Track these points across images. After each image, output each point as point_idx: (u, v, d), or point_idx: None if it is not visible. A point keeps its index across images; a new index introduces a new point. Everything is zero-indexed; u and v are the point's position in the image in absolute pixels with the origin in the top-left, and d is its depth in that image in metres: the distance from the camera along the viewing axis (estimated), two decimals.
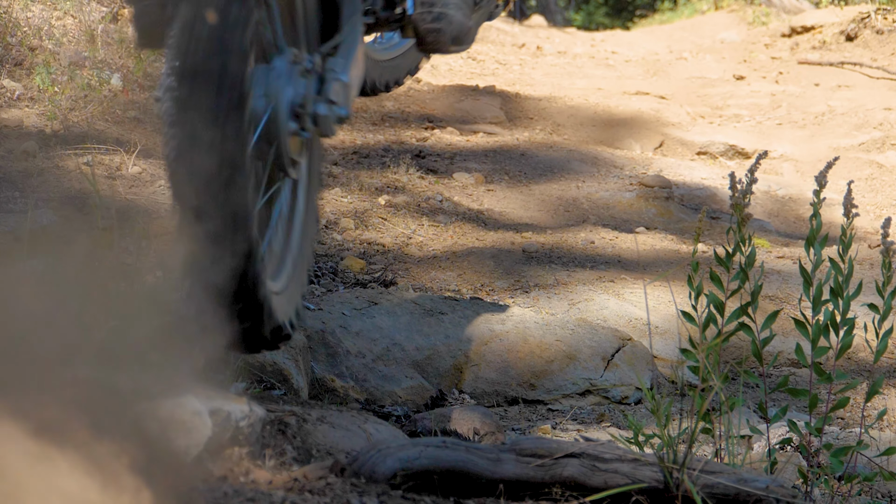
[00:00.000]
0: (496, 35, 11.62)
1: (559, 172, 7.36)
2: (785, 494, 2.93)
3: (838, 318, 3.53)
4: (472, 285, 5.74)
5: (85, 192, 5.53)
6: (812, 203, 3.54)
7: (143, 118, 6.89)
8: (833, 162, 3.62)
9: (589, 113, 8.66)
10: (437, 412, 4.47)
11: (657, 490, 2.95)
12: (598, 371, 5.01)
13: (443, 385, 4.90)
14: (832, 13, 10.78)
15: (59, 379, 2.68)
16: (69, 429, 2.50)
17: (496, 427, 4.34)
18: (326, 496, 2.79)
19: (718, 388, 3.21)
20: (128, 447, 2.54)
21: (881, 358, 5.56)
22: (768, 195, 7.45)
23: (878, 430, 4.82)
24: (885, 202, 7.44)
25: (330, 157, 7.17)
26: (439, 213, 6.57)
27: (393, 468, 2.91)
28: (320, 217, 5.97)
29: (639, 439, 3.32)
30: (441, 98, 8.65)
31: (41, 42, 7.08)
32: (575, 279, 5.79)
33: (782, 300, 5.82)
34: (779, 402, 4.99)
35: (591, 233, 6.48)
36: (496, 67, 10.04)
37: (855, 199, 3.59)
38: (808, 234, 3.53)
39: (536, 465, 2.94)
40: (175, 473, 2.65)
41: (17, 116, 6.47)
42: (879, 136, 8.39)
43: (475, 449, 2.96)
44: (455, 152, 7.55)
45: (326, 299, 5.11)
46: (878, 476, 3.60)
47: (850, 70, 9.77)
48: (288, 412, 3.29)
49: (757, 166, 3.50)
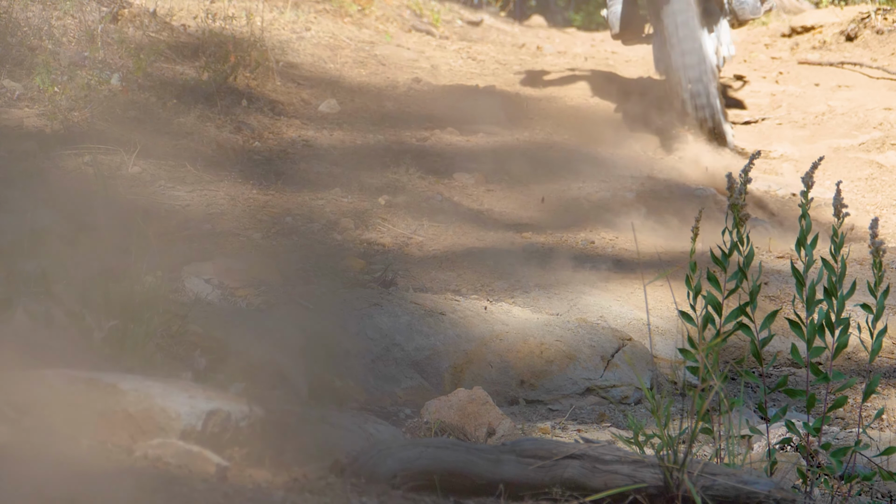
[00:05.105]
0: (496, 35, 11.62)
1: (559, 172, 7.36)
2: (787, 497, 2.93)
3: (833, 317, 3.53)
4: (472, 285, 5.74)
5: (85, 192, 5.53)
6: (800, 204, 3.54)
7: (143, 118, 6.89)
8: (819, 161, 3.62)
9: (589, 113, 8.66)
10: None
11: (657, 491, 2.95)
12: (598, 371, 5.01)
13: (443, 385, 4.90)
14: (832, 13, 10.77)
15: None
16: None
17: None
18: (326, 496, 2.79)
19: (718, 388, 3.22)
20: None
21: (881, 358, 5.56)
22: (768, 195, 7.45)
23: (877, 430, 4.83)
24: (885, 202, 7.44)
25: (330, 157, 7.17)
26: (439, 213, 6.57)
27: (393, 468, 2.91)
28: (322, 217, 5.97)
29: (639, 439, 3.32)
30: (441, 98, 8.65)
31: (41, 42, 7.08)
32: (575, 279, 5.79)
33: (782, 300, 5.83)
34: (779, 402, 4.99)
35: (591, 233, 6.48)
36: (496, 67, 10.03)
37: (855, 199, 3.59)
38: (799, 234, 3.54)
39: (537, 467, 2.94)
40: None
41: (17, 116, 6.47)
42: (879, 136, 8.38)
43: (475, 450, 2.96)
44: (455, 152, 7.55)
45: (326, 299, 5.11)
46: (877, 476, 3.60)
47: (850, 70, 9.76)
48: (288, 412, 3.29)
49: (751, 166, 3.51)
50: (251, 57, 7.97)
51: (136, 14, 8.00)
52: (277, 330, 4.68)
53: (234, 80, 7.75)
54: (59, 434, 2.84)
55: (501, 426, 4.41)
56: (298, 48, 8.98)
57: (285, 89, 8.08)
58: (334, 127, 7.75)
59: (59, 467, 2.64)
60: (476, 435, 4.38)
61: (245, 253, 5.64)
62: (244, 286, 5.14)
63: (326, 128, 7.70)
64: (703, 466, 2.97)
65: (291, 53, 8.81)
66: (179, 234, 5.71)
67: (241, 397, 3.10)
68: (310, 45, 9.13)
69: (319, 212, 6.30)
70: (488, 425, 4.41)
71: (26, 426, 2.85)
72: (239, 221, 6.01)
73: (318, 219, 6.22)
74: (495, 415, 4.44)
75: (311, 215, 6.25)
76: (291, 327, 4.75)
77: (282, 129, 7.49)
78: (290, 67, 8.53)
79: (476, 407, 4.44)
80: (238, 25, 8.43)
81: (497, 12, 13.41)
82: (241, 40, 8.09)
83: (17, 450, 2.70)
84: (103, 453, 2.83)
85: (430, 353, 4.95)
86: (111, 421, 2.94)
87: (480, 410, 4.44)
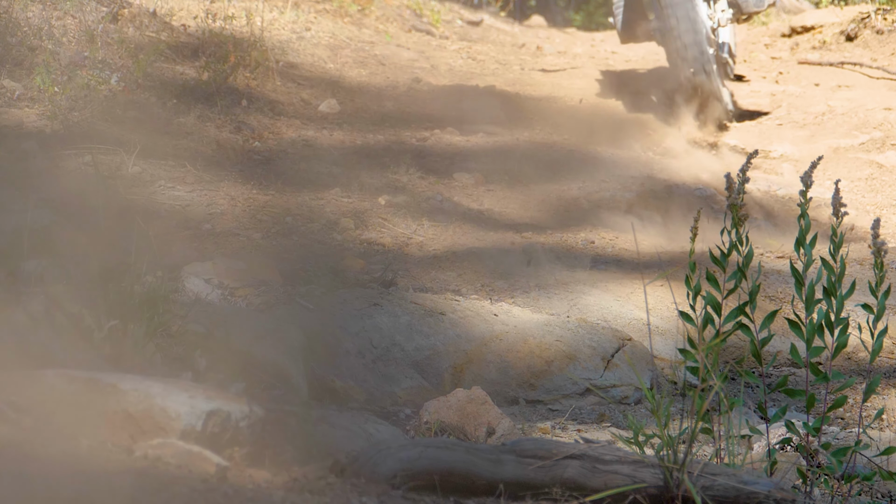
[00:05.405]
0: (496, 35, 11.62)
1: (559, 172, 7.36)
2: (787, 497, 2.93)
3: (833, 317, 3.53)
4: (472, 285, 5.74)
5: (85, 192, 5.53)
6: (799, 203, 3.54)
7: (143, 118, 6.89)
8: (817, 161, 3.62)
9: (589, 113, 8.66)
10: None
11: (657, 491, 2.95)
12: (598, 371, 5.01)
13: (443, 385, 4.90)
14: (832, 13, 10.77)
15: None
16: None
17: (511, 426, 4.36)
18: (326, 496, 2.79)
19: (718, 387, 3.22)
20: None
21: (881, 358, 5.56)
22: (768, 195, 7.45)
23: (877, 430, 4.83)
24: (885, 202, 7.44)
25: (330, 157, 7.17)
26: (439, 213, 6.57)
27: (393, 468, 2.91)
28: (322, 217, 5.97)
29: (639, 439, 3.32)
30: (441, 98, 8.65)
31: (41, 42, 7.08)
32: (575, 279, 5.79)
33: (782, 300, 5.83)
34: (779, 402, 4.99)
35: (591, 233, 6.48)
36: (496, 67, 10.03)
37: (855, 199, 3.59)
38: (798, 234, 3.54)
39: (537, 467, 2.94)
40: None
41: (17, 116, 6.47)
42: (879, 136, 8.38)
43: (475, 450, 2.96)
44: (455, 152, 7.55)
45: (326, 299, 5.11)
46: (877, 476, 3.60)
47: (850, 70, 9.76)
48: (288, 412, 3.29)
49: (749, 165, 3.50)
50: (251, 57, 7.97)
51: (135, 14, 8.00)
52: (277, 330, 4.68)
53: (234, 80, 7.75)
54: (59, 434, 2.84)
55: (501, 425, 4.41)
56: (298, 48, 8.98)
57: (285, 89, 8.08)
58: (334, 127, 7.75)
59: (59, 467, 2.64)
60: (476, 435, 4.38)
61: (245, 253, 5.64)
62: (244, 286, 5.13)
63: (326, 128, 7.70)
64: (703, 466, 2.97)
65: (291, 53, 8.81)
66: (179, 234, 5.71)
67: (241, 397, 3.10)
68: (310, 45, 9.13)
69: (319, 212, 6.30)
70: (488, 425, 4.41)
71: (26, 426, 2.84)
72: (239, 221, 6.01)
73: (318, 219, 6.22)
74: (494, 414, 4.44)
75: (311, 215, 6.25)
76: (291, 327, 4.74)
77: (282, 129, 7.49)
78: (290, 67, 8.53)
79: (475, 407, 4.44)
80: (238, 25, 8.43)
81: (497, 12, 13.40)
82: (241, 40, 8.09)
83: (17, 450, 2.70)
84: (103, 453, 2.83)
85: (430, 353, 4.95)
86: (111, 421, 2.94)
87: (479, 410, 4.44)
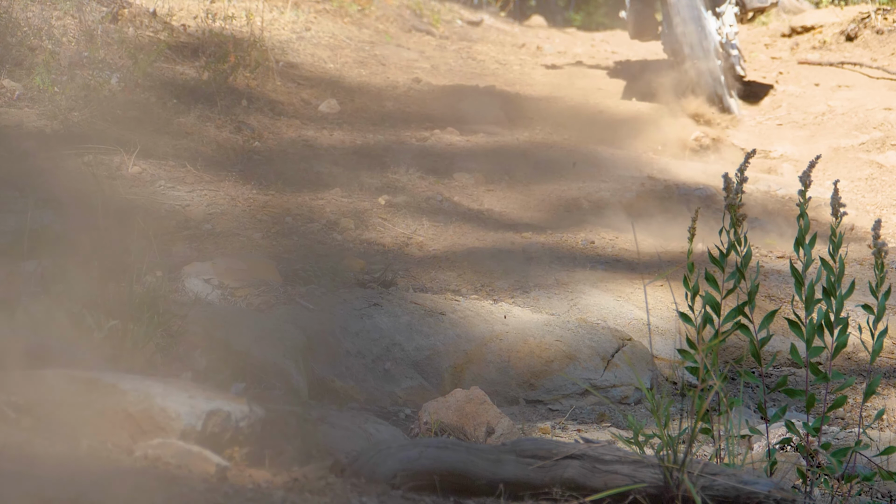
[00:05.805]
0: (496, 35, 11.62)
1: (559, 172, 7.36)
2: (786, 497, 2.93)
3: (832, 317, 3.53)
4: (472, 285, 5.74)
5: (85, 191, 5.53)
6: (798, 203, 3.54)
7: (143, 118, 6.89)
8: (816, 160, 3.62)
9: (589, 113, 8.66)
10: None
11: (657, 491, 2.95)
12: (597, 371, 5.01)
13: (443, 385, 4.90)
14: (832, 13, 10.77)
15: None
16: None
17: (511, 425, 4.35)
18: (326, 496, 2.79)
19: (718, 387, 3.22)
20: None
21: (881, 358, 5.56)
22: (768, 195, 7.45)
23: (877, 430, 4.83)
24: (885, 202, 7.44)
25: (330, 157, 7.17)
26: (439, 213, 6.57)
27: (393, 468, 2.91)
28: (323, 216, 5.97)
29: (639, 439, 3.32)
30: (441, 98, 8.65)
31: (41, 42, 7.08)
32: (575, 279, 5.79)
33: (782, 300, 5.83)
34: (779, 402, 4.99)
35: (591, 233, 6.48)
36: (496, 67, 10.04)
37: (855, 199, 3.60)
38: (798, 233, 3.54)
39: (537, 467, 2.94)
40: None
41: (17, 116, 6.47)
42: (879, 136, 8.39)
43: (475, 450, 2.96)
44: (455, 152, 7.55)
45: (326, 299, 5.11)
46: (877, 476, 3.60)
47: (850, 70, 9.76)
48: (288, 412, 3.29)
49: (747, 165, 3.51)
50: (251, 57, 7.97)
51: (135, 14, 8.00)
52: (277, 330, 4.68)
53: (234, 80, 7.75)
54: (59, 434, 2.84)
55: (500, 425, 4.41)
56: (298, 48, 8.98)
57: (285, 89, 8.08)
58: (334, 127, 7.75)
59: (59, 467, 2.64)
60: (475, 434, 4.38)
61: (245, 253, 5.64)
62: (244, 286, 5.13)
63: (326, 128, 7.70)
64: (702, 466, 2.97)
65: (291, 53, 8.81)
66: (179, 234, 5.71)
67: (241, 397, 3.10)
68: (310, 45, 9.14)
69: (319, 212, 6.30)
70: (487, 424, 4.41)
71: (26, 426, 2.85)
72: (239, 221, 6.01)
73: (318, 219, 6.22)
74: (494, 414, 4.44)
75: (311, 215, 6.25)
76: (291, 327, 4.75)
77: (282, 129, 7.49)
78: (290, 67, 8.53)
79: (474, 407, 4.44)
80: (238, 25, 8.43)
81: (497, 12, 13.41)
82: (241, 40, 8.09)
83: (17, 450, 2.70)
84: (103, 453, 2.83)
85: (430, 353, 4.95)
86: (111, 421, 2.94)
87: (479, 410, 4.44)
